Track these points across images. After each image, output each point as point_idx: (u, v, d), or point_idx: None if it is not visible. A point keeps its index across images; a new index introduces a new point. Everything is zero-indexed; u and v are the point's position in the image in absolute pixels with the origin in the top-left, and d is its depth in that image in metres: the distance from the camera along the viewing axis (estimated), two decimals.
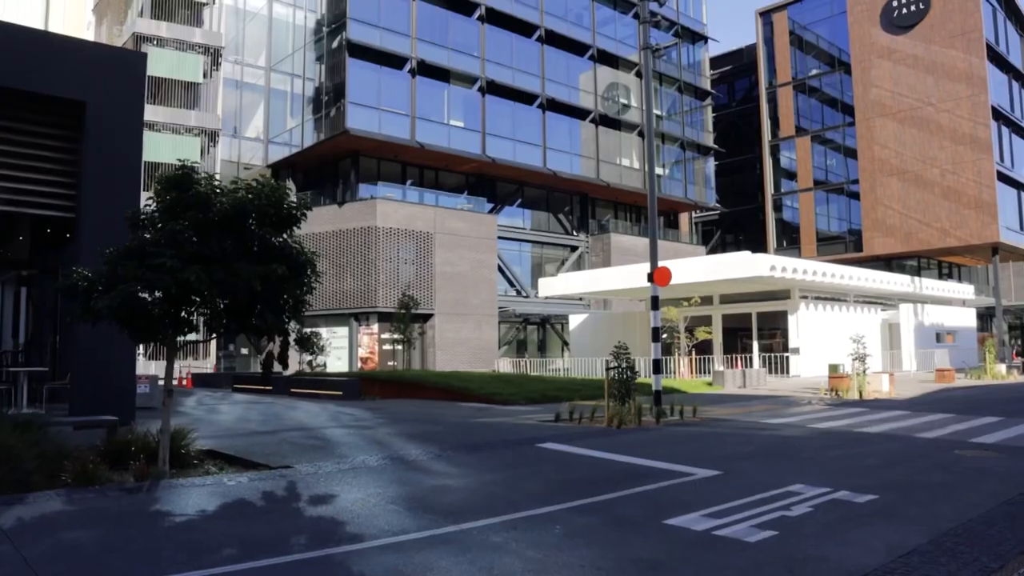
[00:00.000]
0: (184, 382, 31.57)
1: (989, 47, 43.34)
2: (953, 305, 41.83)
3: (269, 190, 8.86)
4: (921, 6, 44.49)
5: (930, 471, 9.06)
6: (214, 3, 36.28)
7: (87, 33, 42.08)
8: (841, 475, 8.76)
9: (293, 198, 9.29)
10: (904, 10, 45.24)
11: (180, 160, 9.01)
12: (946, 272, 52.86)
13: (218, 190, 8.97)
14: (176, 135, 33.85)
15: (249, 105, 40.20)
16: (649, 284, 17.94)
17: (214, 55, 35.49)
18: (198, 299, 8.73)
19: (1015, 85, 48.21)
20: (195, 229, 8.60)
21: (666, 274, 17.97)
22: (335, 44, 35.13)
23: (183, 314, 8.85)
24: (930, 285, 38.26)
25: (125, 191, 13.22)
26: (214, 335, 9.21)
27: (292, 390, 24.60)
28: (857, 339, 20.64)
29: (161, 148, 33.30)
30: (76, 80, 13.05)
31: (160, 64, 33.76)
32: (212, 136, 35.05)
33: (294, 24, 38.69)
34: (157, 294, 8.58)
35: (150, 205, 9.16)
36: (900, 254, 46.79)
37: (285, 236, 9.43)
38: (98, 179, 13.10)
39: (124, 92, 13.53)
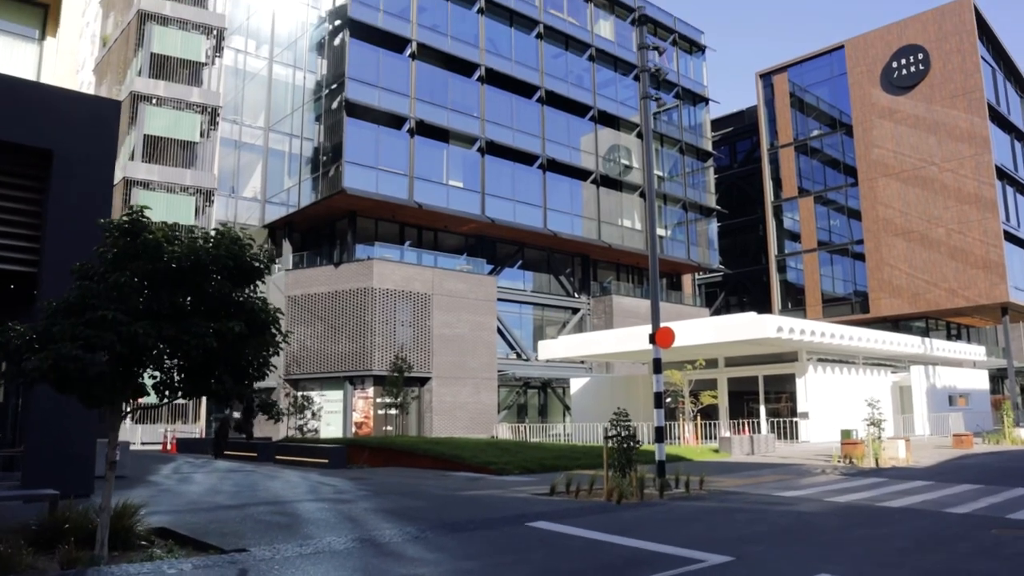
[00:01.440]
0: (169, 447, 30.40)
1: (990, 107, 43.16)
2: (964, 367, 40.67)
3: (229, 241, 8.03)
4: (921, 67, 44.46)
5: (972, 557, 7.97)
6: (213, 64, 36.18)
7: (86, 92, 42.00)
8: (870, 562, 7.68)
9: (256, 250, 8.48)
10: (904, 71, 45.21)
11: (131, 208, 8.18)
12: (955, 333, 51.83)
13: (176, 239, 8.16)
14: (171, 194, 33.34)
15: (247, 165, 39.88)
16: (651, 346, 17.00)
17: (212, 114, 35.24)
18: (145, 359, 7.82)
19: (1018, 145, 47.94)
20: (144, 281, 7.75)
21: (668, 335, 17.04)
22: (334, 104, 34.86)
23: (132, 376, 7.94)
24: (940, 346, 37.19)
25: (93, 245, 12.38)
26: (166, 400, 8.26)
27: (278, 457, 23.48)
28: (873, 403, 19.57)
29: (154, 207, 32.59)
30: (42, 127, 12.36)
31: (157, 123, 33.47)
32: (207, 195, 34.55)
33: (294, 85, 38.56)
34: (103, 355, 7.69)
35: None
36: (908, 315, 45.85)
37: (248, 292, 8.59)
38: (63, 232, 12.31)
39: (95, 142, 12.84)
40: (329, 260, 35.76)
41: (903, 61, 45.31)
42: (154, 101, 33.90)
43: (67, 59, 18.76)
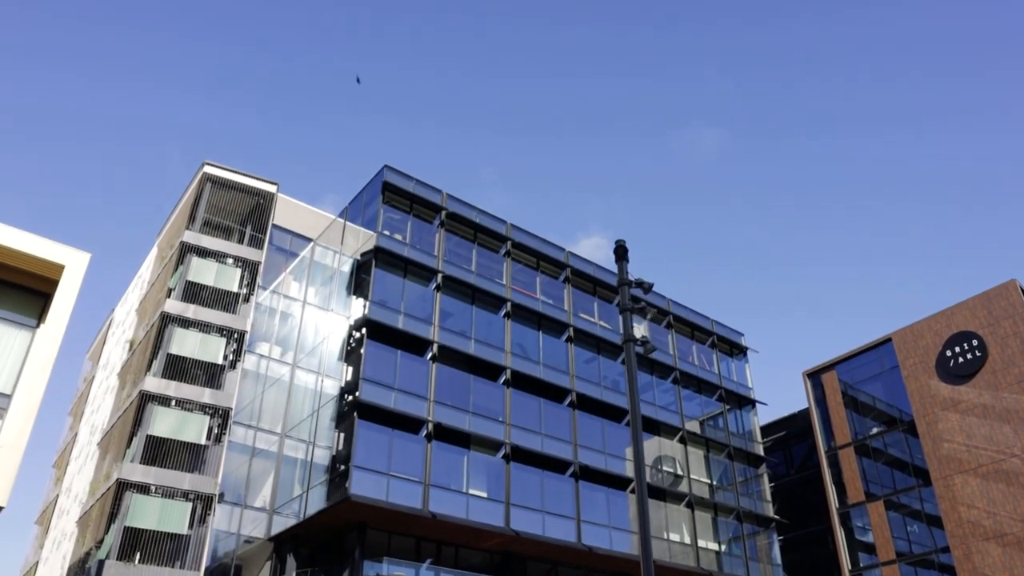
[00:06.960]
0: None
1: None
2: None
3: None
4: (978, 353, 41.93)
5: None
6: (233, 368, 35.75)
7: (107, 397, 41.89)
8: None
9: None
10: (960, 359, 42.64)
11: None
12: None
13: None
14: (166, 499, 31.09)
15: (260, 472, 37.71)
16: None
17: (223, 417, 34.04)
18: None
19: None
20: None
21: None
22: (351, 409, 33.41)
23: None
24: None
25: None
26: None
27: None
28: None
29: (147, 513, 30.42)
30: None
31: (162, 424, 32.39)
32: (207, 502, 32.10)
33: (315, 391, 37.58)
34: None
35: None
36: None
37: None
38: None
39: None
40: None
41: (957, 349, 42.94)
42: (172, 403, 33.09)
43: (51, 345, 18.40)
